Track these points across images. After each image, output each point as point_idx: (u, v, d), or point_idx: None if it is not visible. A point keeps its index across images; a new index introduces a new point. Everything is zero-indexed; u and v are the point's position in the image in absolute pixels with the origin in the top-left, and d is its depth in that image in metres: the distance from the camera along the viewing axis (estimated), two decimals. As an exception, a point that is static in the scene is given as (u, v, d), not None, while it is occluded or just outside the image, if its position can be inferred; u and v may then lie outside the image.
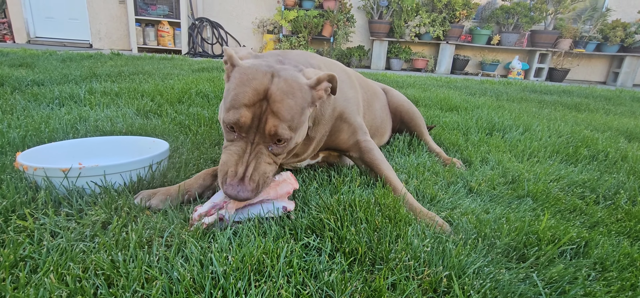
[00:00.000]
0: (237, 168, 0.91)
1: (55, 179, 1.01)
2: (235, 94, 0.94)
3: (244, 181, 0.90)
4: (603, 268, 0.84)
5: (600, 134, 2.19)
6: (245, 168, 0.91)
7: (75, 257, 0.73)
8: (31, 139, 1.41)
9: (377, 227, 0.91)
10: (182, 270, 0.71)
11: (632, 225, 1.02)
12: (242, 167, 0.92)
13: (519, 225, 0.96)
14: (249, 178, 0.90)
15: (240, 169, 0.91)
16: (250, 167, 0.92)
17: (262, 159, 0.95)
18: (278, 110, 0.92)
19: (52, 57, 4.18)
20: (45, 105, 2.05)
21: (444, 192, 1.23)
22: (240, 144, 0.95)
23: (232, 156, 0.94)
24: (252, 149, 0.94)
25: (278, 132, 0.93)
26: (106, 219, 0.90)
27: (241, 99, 0.92)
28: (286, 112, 0.93)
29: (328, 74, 1.04)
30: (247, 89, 0.92)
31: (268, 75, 0.95)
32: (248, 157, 0.93)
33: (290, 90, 0.95)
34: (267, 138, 0.94)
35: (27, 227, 0.84)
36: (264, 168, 0.95)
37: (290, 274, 0.74)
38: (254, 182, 0.91)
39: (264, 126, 0.93)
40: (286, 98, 0.93)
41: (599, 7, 7.74)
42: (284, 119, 0.93)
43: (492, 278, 0.75)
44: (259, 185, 0.93)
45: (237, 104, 0.92)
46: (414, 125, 1.84)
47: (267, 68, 0.96)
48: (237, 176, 0.90)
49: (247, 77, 0.94)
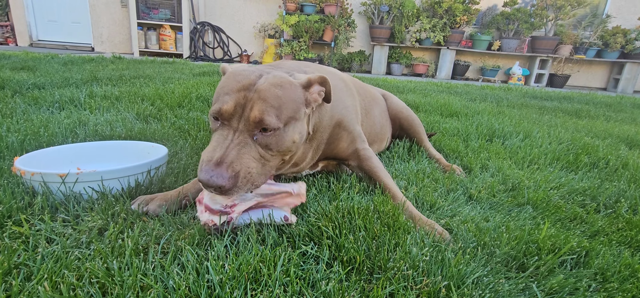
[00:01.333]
0: (214, 153, 0.84)
1: (53, 184, 1.00)
2: (220, 88, 0.94)
3: (220, 166, 0.82)
4: (604, 278, 0.83)
5: (600, 141, 2.18)
6: (224, 153, 0.84)
7: (70, 265, 0.72)
8: (30, 143, 1.40)
9: (376, 235, 0.91)
10: (177, 278, 0.70)
11: (633, 235, 1.01)
12: (220, 151, 0.84)
13: (519, 234, 0.95)
14: (227, 165, 0.82)
15: (217, 154, 0.84)
16: (230, 153, 0.84)
17: (246, 150, 0.87)
18: (265, 97, 0.89)
19: (54, 61, 4.20)
20: (45, 108, 2.05)
21: (443, 199, 1.22)
22: (222, 131, 0.90)
23: (211, 143, 0.88)
24: (234, 137, 0.88)
25: (264, 118, 0.87)
26: (103, 225, 0.89)
27: (225, 89, 0.92)
28: (273, 100, 0.90)
29: (319, 75, 1.04)
30: (231, 82, 0.92)
31: (255, 73, 0.95)
32: (229, 143, 0.86)
33: (278, 83, 0.94)
34: (252, 125, 0.88)
35: (23, 233, 0.83)
36: (248, 161, 0.87)
37: (287, 283, 0.73)
38: (233, 171, 0.83)
39: (248, 113, 0.88)
40: (273, 88, 0.92)
41: (599, 14, 7.76)
42: (270, 105, 0.89)
43: (491, 289, 0.74)
44: (239, 177, 0.84)
45: (221, 94, 0.92)
46: (413, 131, 1.83)
47: (255, 69, 0.97)
48: (213, 161, 0.82)
49: (233, 74, 0.95)
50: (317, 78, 1.04)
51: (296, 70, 1.14)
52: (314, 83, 1.04)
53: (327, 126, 1.23)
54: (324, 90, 1.08)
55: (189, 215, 0.99)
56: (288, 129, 0.96)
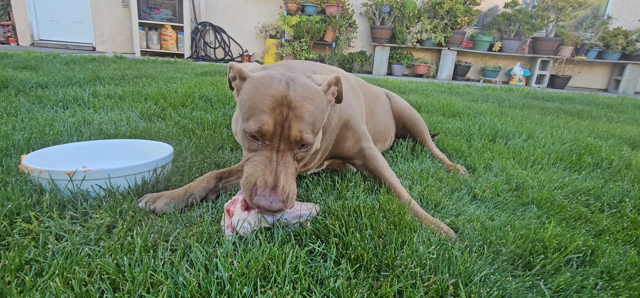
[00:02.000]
0: (266, 178, 0.86)
1: (60, 182, 1.01)
2: (253, 103, 0.91)
3: (276, 191, 0.84)
4: (610, 277, 0.83)
5: (603, 142, 2.19)
6: (275, 178, 0.86)
7: (80, 261, 0.73)
8: (36, 142, 1.41)
9: (382, 233, 0.91)
10: (187, 275, 0.70)
11: (638, 234, 1.02)
12: (271, 176, 0.86)
13: (525, 232, 0.96)
14: (281, 189, 0.85)
15: (270, 178, 0.86)
16: (280, 176, 0.87)
17: (290, 171, 0.90)
18: (301, 114, 0.90)
19: (56, 60, 4.20)
20: (50, 107, 2.06)
21: (448, 198, 1.23)
22: (264, 153, 0.90)
23: (257, 166, 0.88)
24: (278, 158, 0.89)
25: (303, 137, 0.90)
26: (111, 223, 0.90)
27: (260, 106, 0.89)
28: (309, 116, 0.92)
29: (334, 76, 1.06)
30: (265, 96, 0.90)
31: (283, 82, 0.93)
32: (276, 165, 0.88)
33: (308, 95, 0.94)
34: (293, 144, 0.91)
35: (32, 230, 0.84)
36: (292, 183, 0.90)
37: (296, 280, 0.73)
38: (285, 194, 0.85)
39: (288, 132, 0.89)
40: (306, 103, 0.92)
41: (600, 15, 7.77)
42: (307, 122, 0.91)
43: (499, 287, 0.75)
44: (288, 199, 0.87)
45: (257, 111, 0.90)
46: (416, 131, 1.84)
47: (280, 76, 0.95)
48: (268, 185, 0.84)
49: (262, 85, 0.93)
50: (333, 80, 1.05)
51: (307, 71, 1.14)
52: (331, 85, 1.05)
53: (336, 126, 1.23)
54: (337, 90, 1.09)
55: (196, 213, 0.99)
56: (316, 139, 0.99)
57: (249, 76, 0.99)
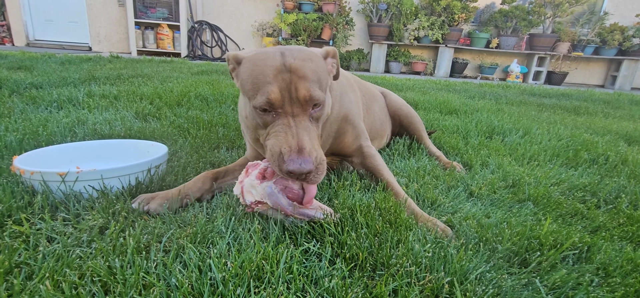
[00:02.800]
0: (290, 142, 0.85)
1: (52, 183, 1.00)
2: (254, 78, 0.91)
3: (303, 153, 0.83)
4: (606, 273, 0.83)
5: (599, 138, 2.19)
6: (299, 141, 0.85)
7: (71, 263, 0.72)
8: (28, 143, 1.39)
9: (378, 232, 0.90)
10: (180, 276, 0.69)
11: (634, 230, 1.02)
12: (294, 140, 0.85)
13: (521, 229, 0.95)
14: (307, 151, 0.83)
15: (293, 142, 0.85)
16: (305, 139, 0.86)
17: (312, 132, 0.90)
18: (304, 74, 0.89)
19: (51, 60, 4.17)
20: (44, 108, 2.04)
21: (444, 196, 1.22)
22: (281, 121, 0.89)
23: (278, 135, 0.88)
24: (295, 122, 0.89)
25: (312, 94, 0.89)
26: (104, 224, 0.89)
27: (262, 78, 0.90)
28: (312, 74, 0.91)
29: (332, 47, 1.07)
30: (264, 68, 0.90)
31: (278, 53, 0.93)
32: (295, 129, 0.87)
33: (306, 57, 0.94)
34: (305, 104, 0.90)
35: (23, 232, 0.82)
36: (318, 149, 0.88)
37: (290, 280, 0.73)
38: (313, 155, 0.85)
39: (296, 94, 0.88)
40: (306, 63, 0.92)
41: (597, 11, 7.78)
42: (312, 79, 0.90)
43: (494, 285, 0.74)
44: (317, 163, 0.85)
45: (260, 84, 0.90)
46: (413, 128, 1.83)
47: (274, 49, 0.96)
48: (293, 149, 0.83)
49: (259, 60, 0.93)
50: (331, 50, 1.06)
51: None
52: (329, 54, 1.06)
53: (335, 119, 1.23)
54: (335, 63, 1.09)
55: (190, 214, 0.98)
56: (327, 96, 0.99)
57: (244, 57, 0.99)
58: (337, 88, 1.26)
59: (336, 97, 1.21)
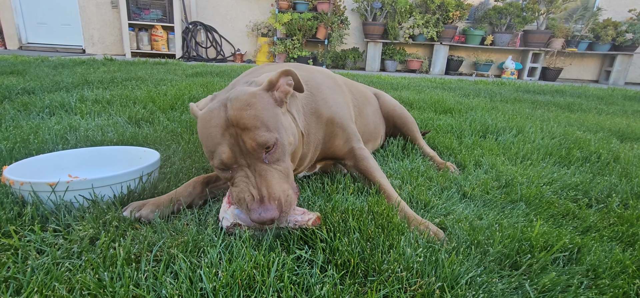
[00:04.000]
0: (251, 192, 0.88)
1: (43, 194, 0.99)
2: (206, 142, 0.96)
3: (263, 202, 0.87)
4: (596, 275, 0.83)
5: (592, 135, 2.21)
6: (259, 190, 0.88)
7: (60, 277, 0.71)
8: (19, 151, 1.38)
9: (370, 237, 0.91)
10: (170, 288, 0.69)
11: (624, 230, 1.03)
12: (255, 189, 0.89)
13: (512, 232, 0.96)
14: (267, 198, 0.87)
15: (254, 191, 0.88)
16: (262, 187, 0.89)
17: (270, 175, 0.91)
18: (245, 124, 0.91)
19: (44, 64, 4.14)
20: (35, 114, 2.03)
21: (437, 197, 1.23)
22: (239, 174, 0.93)
23: (240, 185, 0.91)
24: (252, 172, 0.92)
25: (258, 142, 0.90)
26: (94, 234, 0.88)
27: (212, 141, 0.94)
28: (253, 121, 0.92)
29: (279, 71, 1.04)
30: (211, 131, 0.94)
31: (221, 108, 0.95)
32: (254, 179, 0.90)
33: (245, 104, 0.94)
34: (256, 152, 0.92)
35: (12, 245, 0.82)
36: (279, 185, 0.91)
37: (281, 289, 0.73)
38: (275, 200, 0.88)
39: (245, 147, 0.91)
40: (245, 112, 0.93)
41: (590, 7, 7.83)
42: (255, 126, 0.91)
43: (485, 289, 0.75)
44: (282, 202, 0.88)
45: (212, 147, 0.94)
46: (407, 129, 1.83)
47: (218, 103, 0.97)
48: (256, 199, 0.87)
49: (205, 122, 0.96)
50: (276, 75, 1.02)
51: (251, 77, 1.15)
52: (275, 81, 1.02)
53: (318, 125, 1.22)
54: (291, 79, 1.06)
55: (182, 221, 0.98)
56: (281, 133, 0.97)
57: (198, 115, 1.02)
58: (318, 92, 1.25)
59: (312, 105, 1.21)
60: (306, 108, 1.20)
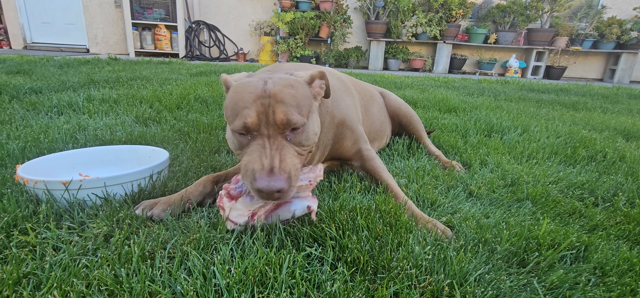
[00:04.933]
0: (263, 162, 0.87)
1: (56, 192, 1.01)
2: (234, 104, 0.95)
3: (273, 172, 0.85)
4: (603, 273, 0.84)
5: (598, 134, 2.21)
6: (271, 160, 0.87)
7: (78, 273, 0.73)
8: (31, 150, 1.40)
9: (379, 235, 0.92)
10: (185, 284, 0.71)
11: (630, 228, 1.03)
12: (267, 159, 0.88)
13: (519, 230, 0.97)
14: (278, 168, 0.86)
15: (266, 161, 0.87)
16: (276, 158, 0.88)
17: (286, 151, 0.91)
18: (282, 99, 0.92)
19: (49, 63, 4.17)
20: (44, 114, 2.05)
21: (444, 196, 1.24)
22: (257, 142, 0.92)
23: (252, 154, 0.90)
24: (270, 143, 0.91)
25: (289, 118, 0.91)
26: (108, 232, 0.90)
27: (241, 104, 0.93)
28: (290, 99, 0.93)
29: (318, 70, 1.08)
30: (244, 95, 0.94)
31: (260, 82, 0.96)
32: (270, 150, 0.90)
33: (287, 83, 0.97)
34: (281, 128, 0.92)
35: (29, 242, 0.84)
36: (292, 159, 0.91)
37: (293, 285, 0.74)
38: (285, 172, 0.87)
39: (273, 117, 0.91)
40: (285, 88, 0.95)
41: (594, 5, 7.78)
42: (290, 104, 0.93)
43: (493, 286, 0.76)
44: (291, 176, 0.88)
45: (239, 108, 0.93)
46: (412, 128, 1.84)
47: (258, 79, 0.99)
48: (265, 168, 0.86)
49: (241, 87, 0.97)
50: (317, 73, 1.07)
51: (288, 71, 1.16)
52: (315, 78, 1.07)
53: (330, 126, 1.24)
54: (324, 84, 1.11)
55: (193, 219, 1.00)
56: (310, 121, 1.00)
57: (232, 84, 1.02)
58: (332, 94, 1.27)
59: (328, 107, 1.23)
60: (321, 109, 1.21)
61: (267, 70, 1.17)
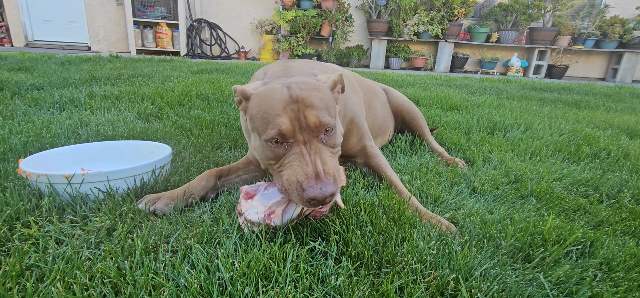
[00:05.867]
0: (306, 171, 0.85)
1: (59, 186, 1.00)
2: (263, 113, 0.92)
3: (320, 178, 0.83)
4: (609, 268, 0.83)
5: (601, 132, 2.19)
6: (314, 166, 0.85)
7: (81, 265, 0.73)
8: (33, 145, 1.40)
9: (383, 230, 0.91)
10: (189, 277, 0.70)
11: (636, 225, 1.02)
12: (310, 166, 0.86)
13: (524, 225, 0.96)
14: (324, 174, 0.84)
15: (309, 168, 0.85)
16: (318, 163, 0.86)
17: (325, 153, 0.90)
18: (312, 103, 0.91)
19: (51, 61, 4.17)
20: (46, 109, 2.05)
21: (447, 192, 1.23)
22: (293, 151, 0.90)
23: (293, 165, 0.88)
24: (308, 149, 0.90)
25: (322, 120, 0.90)
26: (111, 225, 0.90)
27: (271, 112, 0.91)
28: (319, 102, 0.93)
29: (339, 74, 1.08)
30: (273, 102, 0.92)
31: (284, 88, 0.95)
32: (309, 156, 0.88)
33: (313, 87, 0.96)
34: (315, 131, 0.91)
35: (32, 235, 0.83)
36: (332, 161, 0.90)
37: (298, 279, 0.74)
38: (330, 175, 0.85)
39: (306, 122, 0.90)
40: (313, 92, 0.94)
41: (597, 4, 7.75)
42: (320, 107, 0.92)
43: (499, 281, 0.75)
44: (336, 178, 0.87)
45: (270, 117, 0.91)
46: (415, 125, 1.83)
47: (280, 85, 0.97)
48: (311, 176, 0.83)
49: (266, 96, 0.94)
50: (338, 78, 1.07)
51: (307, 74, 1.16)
52: (337, 83, 1.08)
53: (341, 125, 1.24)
54: (341, 87, 1.12)
55: (196, 213, 0.99)
56: (338, 123, 1.01)
57: (252, 94, 0.99)
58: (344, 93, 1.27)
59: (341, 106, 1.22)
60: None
61: (280, 74, 1.14)
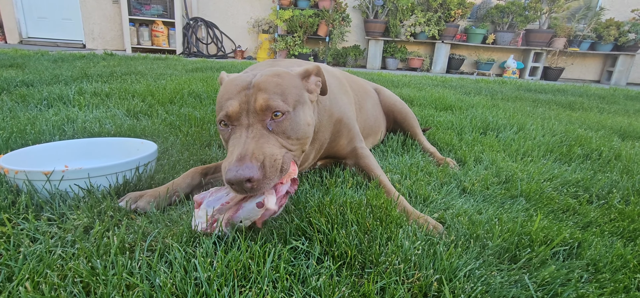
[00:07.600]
0: (235, 152, 0.83)
1: (38, 183, 0.98)
2: (220, 98, 0.96)
3: (242, 160, 0.79)
4: (596, 269, 0.82)
5: (594, 133, 2.19)
6: (244, 148, 0.83)
7: (53, 264, 0.70)
8: (15, 141, 1.37)
9: (368, 230, 0.89)
10: (164, 276, 0.68)
11: (625, 225, 1.01)
12: (239, 148, 0.83)
13: (511, 226, 0.95)
14: (249, 157, 0.80)
15: (237, 150, 0.83)
16: (249, 147, 0.83)
17: (264, 140, 0.87)
18: (265, 87, 0.91)
19: (44, 58, 4.13)
20: (33, 106, 2.01)
21: (437, 192, 1.21)
22: (236, 133, 0.90)
23: (231, 148, 0.87)
24: (248, 132, 0.88)
25: (270, 103, 0.88)
26: (89, 223, 0.87)
27: (226, 96, 0.93)
28: (274, 87, 0.92)
29: (314, 65, 1.07)
30: (231, 87, 0.94)
31: (249, 76, 0.96)
32: (245, 139, 0.86)
33: (275, 73, 0.96)
34: (261, 114, 0.89)
35: (5, 232, 0.81)
36: (271, 149, 0.86)
37: (277, 279, 0.72)
38: (257, 160, 0.81)
39: (254, 105, 0.89)
40: (271, 78, 0.94)
41: (593, 6, 7.78)
42: (273, 91, 0.91)
43: (483, 282, 0.74)
44: (266, 165, 0.82)
45: (223, 102, 0.93)
46: (407, 125, 1.82)
47: (249, 74, 0.98)
48: (234, 159, 0.80)
49: (229, 82, 0.97)
50: (313, 68, 1.06)
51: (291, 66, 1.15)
52: (311, 73, 1.06)
53: (328, 124, 1.22)
54: (320, 81, 1.09)
55: (178, 212, 0.97)
56: (298, 112, 0.97)
57: (224, 79, 1.03)
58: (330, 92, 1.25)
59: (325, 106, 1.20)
60: (319, 107, 1.19)
61: (264, 65, 1.16)
